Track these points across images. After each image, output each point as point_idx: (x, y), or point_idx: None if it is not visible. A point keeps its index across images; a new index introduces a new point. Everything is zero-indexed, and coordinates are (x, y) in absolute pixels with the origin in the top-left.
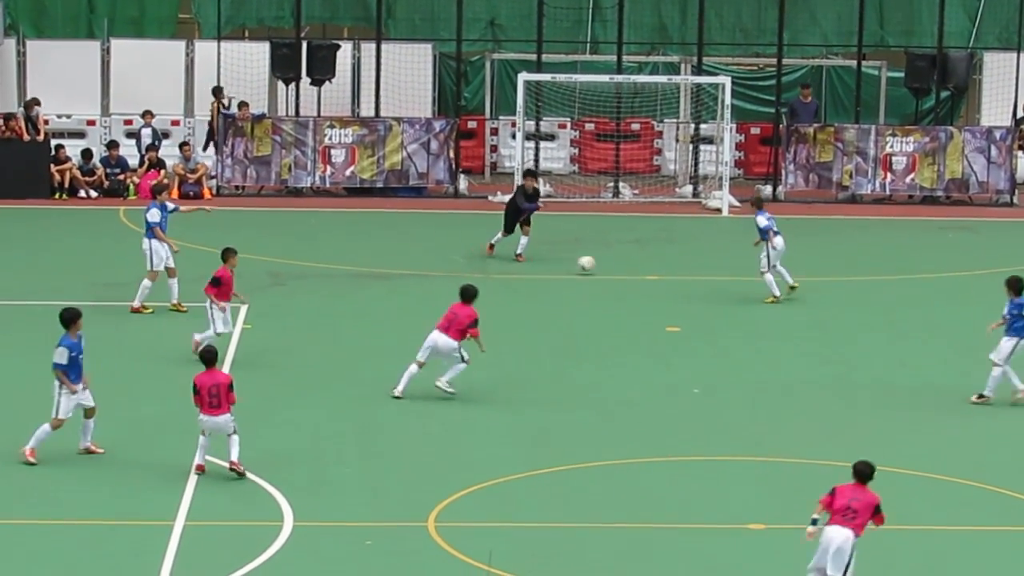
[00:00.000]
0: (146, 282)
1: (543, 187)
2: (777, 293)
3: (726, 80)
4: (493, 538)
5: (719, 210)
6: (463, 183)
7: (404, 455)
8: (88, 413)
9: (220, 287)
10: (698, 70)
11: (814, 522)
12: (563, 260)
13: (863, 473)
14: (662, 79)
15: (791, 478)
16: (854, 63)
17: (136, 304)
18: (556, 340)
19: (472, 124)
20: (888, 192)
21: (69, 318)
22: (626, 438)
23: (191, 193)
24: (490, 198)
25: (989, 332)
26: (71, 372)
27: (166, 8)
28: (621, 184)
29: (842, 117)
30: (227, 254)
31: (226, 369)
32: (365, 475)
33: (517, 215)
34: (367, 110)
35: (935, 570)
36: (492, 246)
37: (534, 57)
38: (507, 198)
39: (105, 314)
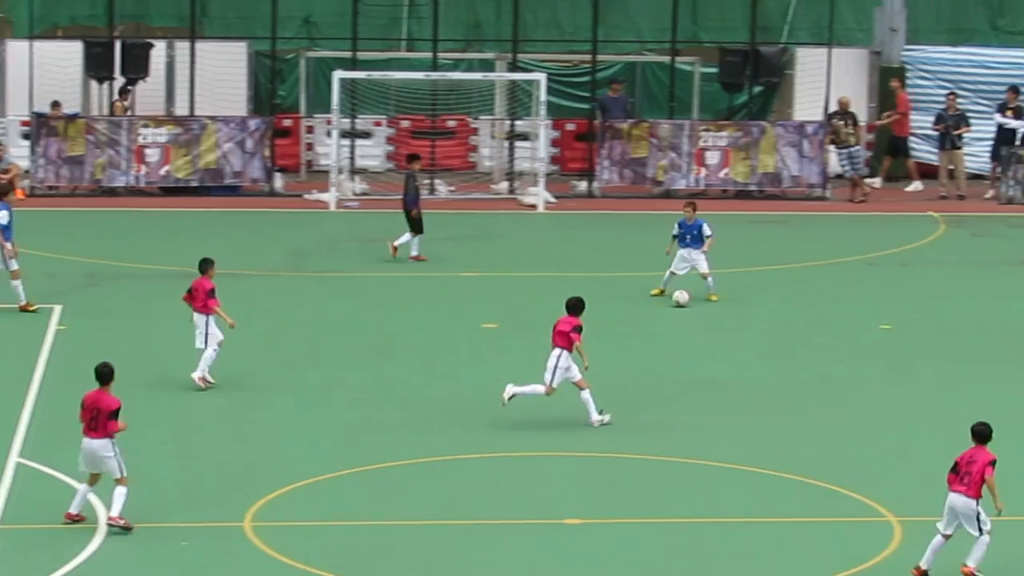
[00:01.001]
0: (14, 281)
1: (359, 185)
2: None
3: (541, 77)
4: (310, 537)
5: (535, 206)
6: (278, 181)
7: (219, 455)
8: None
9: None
10: (513, 67)
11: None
12: (379, 258)
13: (981, 434)
14: (477, 76)
15: (607, 473)
16: (668, 59)
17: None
18: (371, 338)
19: (287, 122)
20: (703, 187)
21: None
22: (441, 435)
23: None
24: (305, 196)
25: None
26: None
27: None
28: (437, 181)
29: (656, 113)
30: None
31: (40, 370)
32: (180, 475)
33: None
34: (182, 109)
35: (750, 561)
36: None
37: (349, 55)
38: (323, 196)
39: None
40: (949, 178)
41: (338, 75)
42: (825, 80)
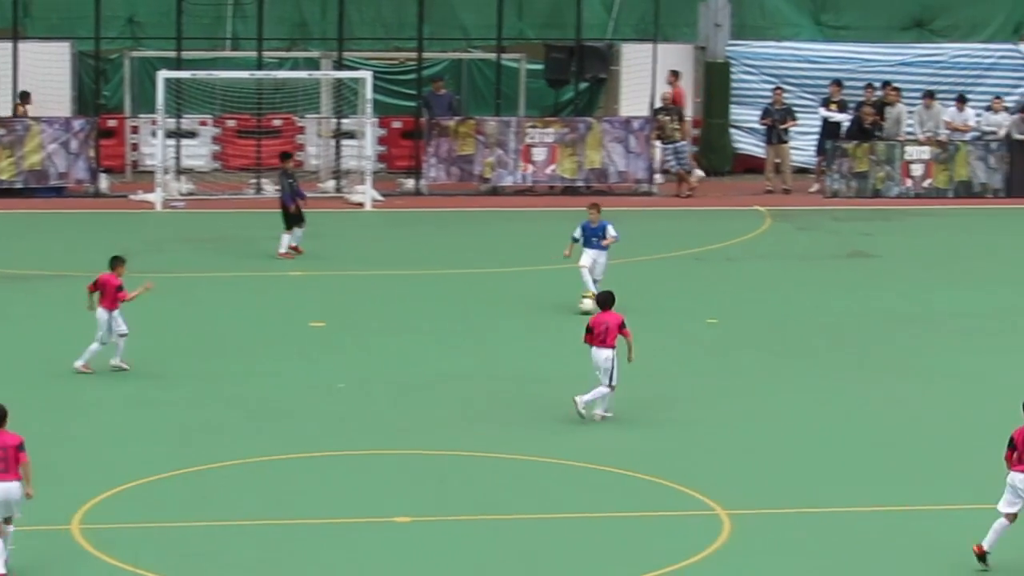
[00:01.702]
0: None
1: (185, 185)
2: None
3: (367, 75)
4: (139, 539)
5: (362, 204)
6: (104, 182)
7: (46, 457)
8: None
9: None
10: (339, 65)
11: None
12: (204, 259)
13: None
14: (303, 74)
15: (435, 470)
16: (494, 56)
17: None
18: (199, 338)
19: (112, 123)
20: (530, 183)
21: None
22: (270, 435)
23: None
24: (131, 197)
25: None
26: None
27: None
28: (263, 180)
29: (483, 110)
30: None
31: None
32: None
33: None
34: (4, 110)
35: (581, 556)
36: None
37: (174, 54)
38: (149, 196)
39: None
40: (776, 172)
41: (163, 75)
42: (651, 75)
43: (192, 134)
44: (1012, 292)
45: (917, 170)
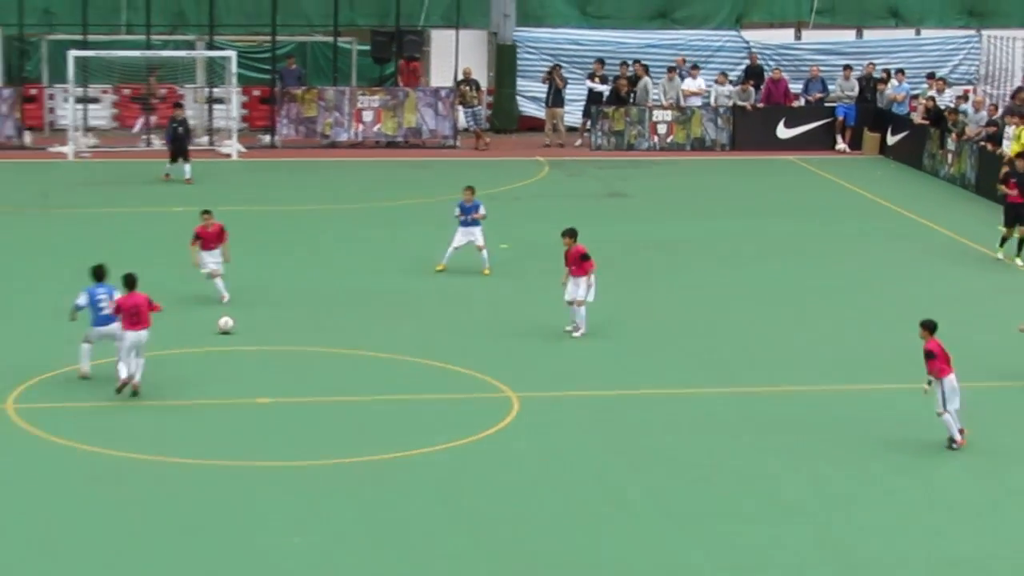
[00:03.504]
0: None
1: (90, 140)
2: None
3: (232, 54)
4: (60, 416)
5: (230, 155)
6: (27, 138)
7: None
8: None
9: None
10: (210, 46)
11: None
12: (105, 198)
13: (929, 326)
14: (182, 54)
15: (292, 361)
16: (331, 39)
17: None
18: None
19: (33, 91)
20: (360, 139)
21: None
22: (162, 331)
23: None
24: (48, 149)
25: None
26: None
27: None
28: (152, 137)
29: (323, 81)
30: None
31: None
32: None
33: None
34: None
35: (399, 429)
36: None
37: (81, 37)
38: (63, 149)
39: None
40: (553, 130)
41: (72, 54)
42: (454, 55)
43: (96, 100)
44: (735, 222)
45: (662, 129)
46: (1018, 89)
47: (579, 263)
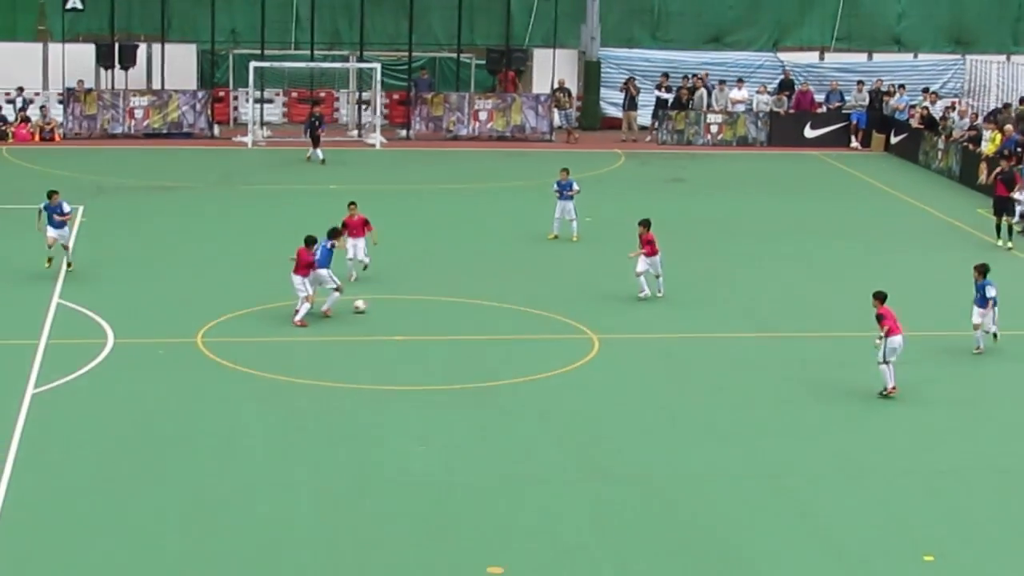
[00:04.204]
0: None
1: (265, 132)
2: None
3: (377, 65)
4: (241, 348)
5: (374, 145)
6: (217, 130)
7: (174, 290)
8: None
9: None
10: (360, 59)
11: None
12: (279, 176)
13: (880, 296)
14: (337, 65)
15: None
16: (455, 55)
17: None
18: (276, 227)
19: (221, 94)
20: (477, 133)
21: None
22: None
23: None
24: (233, 139)
25: None
26: None
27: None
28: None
29: (448, 88)
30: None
31: None
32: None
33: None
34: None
35: (486, 365)
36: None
37: (259, 51)
38: (244, 139)
39: None
40: (628, 129)
41: (252, 64)
42: (551, 68)
43: (270, 101)
44: (771, 202)
45: (714, 128)
46: (1004, 106)
47: (650, 246)
